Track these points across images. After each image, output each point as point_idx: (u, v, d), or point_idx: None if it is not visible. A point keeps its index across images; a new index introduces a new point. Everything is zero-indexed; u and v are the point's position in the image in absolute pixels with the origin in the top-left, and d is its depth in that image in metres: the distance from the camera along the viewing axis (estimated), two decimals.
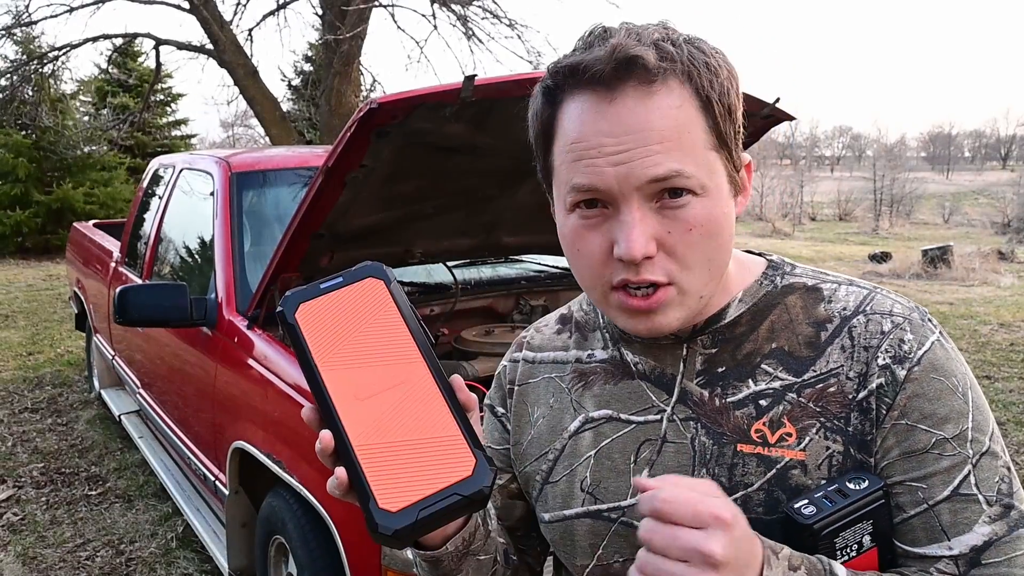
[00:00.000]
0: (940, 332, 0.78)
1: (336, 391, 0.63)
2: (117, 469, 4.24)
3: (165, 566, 3.25)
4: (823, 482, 0.74)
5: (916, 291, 9.89)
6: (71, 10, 9.60)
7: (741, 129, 0.75)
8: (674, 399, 0.81)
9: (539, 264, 3.50)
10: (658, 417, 0.81)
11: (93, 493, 3.96)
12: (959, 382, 0.74)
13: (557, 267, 3.40)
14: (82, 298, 5.31)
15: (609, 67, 0.69)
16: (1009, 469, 0.74)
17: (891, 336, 0.75)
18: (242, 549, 2.68)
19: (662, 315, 0.74)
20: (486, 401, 1.01)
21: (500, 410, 0.97)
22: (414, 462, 0.61)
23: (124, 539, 3.48)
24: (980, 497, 0.72)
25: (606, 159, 0.70)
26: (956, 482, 0.72)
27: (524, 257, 3.51)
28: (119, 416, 4.34)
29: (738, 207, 0.78)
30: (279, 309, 0.65)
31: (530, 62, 9.13)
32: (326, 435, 0.62)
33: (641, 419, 0.82)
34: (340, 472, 0.62)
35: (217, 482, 2.77)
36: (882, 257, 13.33)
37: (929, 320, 0.78)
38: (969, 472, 0.72)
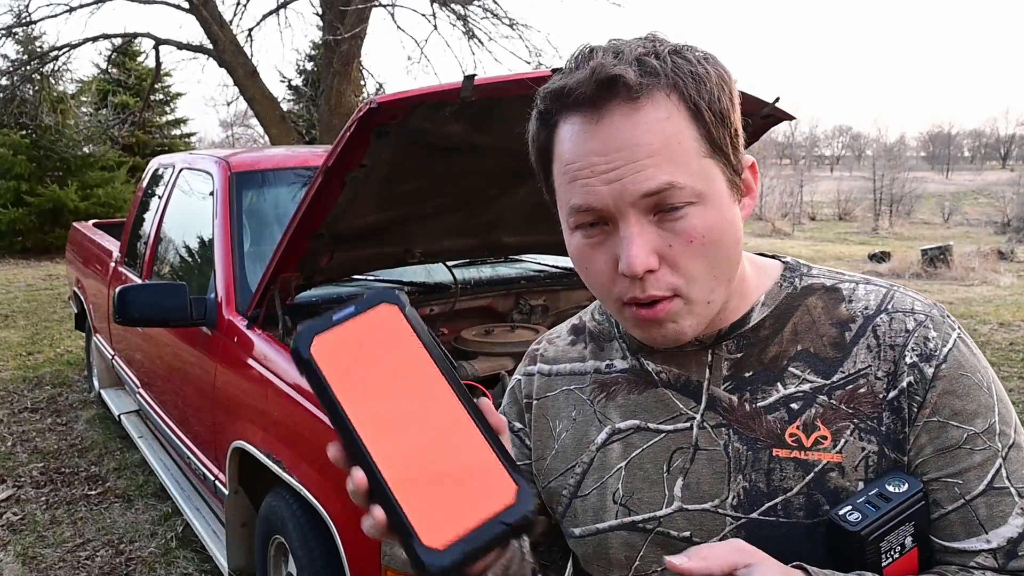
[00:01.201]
0: (959, 328, 0.79)
1: (362, 425, 0.59)
2: (117, 469, 4.24)
3: (165, 566, 3.25)
4: (861, 484, 0.74)
5: (915, 291, 9.88)
6: (71, 10, 9.59)
7: (740, 132, 0.75)
8: (703, 406, 0.81)
9: (539, 264, 3.50)
10: (688, 425, 0.81)
11: (93, 493, 3.96)
12: (983, 377, 0.76)
13: (557, 267, 3.40)
14: (82, 298, 5.31)
15: (591, 88, 0.70)
16: None
17: (916, 334, 0.76)
18: (242, 549, 2.68)
19: (673, 324, 0.75)
20: (504, 412, 0.99)
21: (517, 425, 0.95)
22: (453, 494, 0.58)
23: (124, 539, 3.48)
24: (1012, 489, 0.74)
25: (599, 178, 0.71)
26: (990, 476, 0.74)
27: (524, 257, 3.51)
28: (119, 416, 4.34)
29: (745, 209, 0.78)
30: (293, 346, 0.61)
31: (528, 62, 9.13)
32: (358, 473, 0.58)
33: (671, 427, 0.82)
34: (377, 512, 0.57)
35: (217, 482, 2.77)
36: (882, 257, 13.33)
37: (948, 317, 0.79)
38: (1000, 465, 0.74)
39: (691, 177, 0.71)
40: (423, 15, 9.25)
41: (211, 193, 3.14)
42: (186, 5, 9.32)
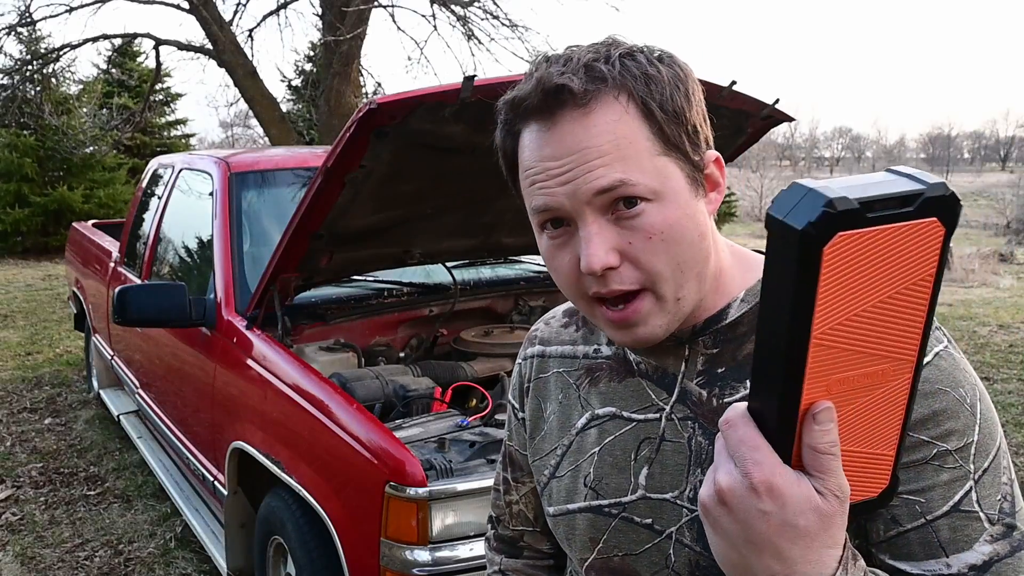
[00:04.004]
0: (948, 340, 0.76)
1: (813, 373, 0.51)
2: (116, 469, 4.24)
3: (164, 566, 3.25)
4: None
5: None
6: (70, 10, 9.59)
7: (701, 128, 0.76)
8: (673, 398, 0.82)
9: (538, 265, 3.50)
10: (657, 416, 0.83)
11: (92, 493, 3.96)
12: (966, 393, 0.72)
13: None
14: (81, 298, 5.31)
15: (538, 99, 0.73)
16: (1013, 485, 0.72)
17: None
18: (241, 549, 2.68)
19: (643, 325, 0.76)
20: (510, 400, 1.02)
21: (521, 414, 0.99)
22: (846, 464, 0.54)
23: (123, 539, 3.48)
24: (981, 515, 0.69)
25: (553, 180, 0.73)
26: (956, 497, 0.69)
27: (523, 258, 3.51)
28: (118, 416, 4.34)
29: (712, 204, 0.78)
30: (808, 221, 0.47)
31: (530, 62, 9.12)
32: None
33: (641, 417, 0.84)
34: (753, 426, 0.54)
35: (216, 482, 2.77)
36: None
37: (938, 328, 0.76)
38: (971, 488, 0.69)
39: (644, 175, 0.72)
40: (423, 16, 9.26)
41: (210, 193, 3.14)
42: (186, 5, 9.31)
